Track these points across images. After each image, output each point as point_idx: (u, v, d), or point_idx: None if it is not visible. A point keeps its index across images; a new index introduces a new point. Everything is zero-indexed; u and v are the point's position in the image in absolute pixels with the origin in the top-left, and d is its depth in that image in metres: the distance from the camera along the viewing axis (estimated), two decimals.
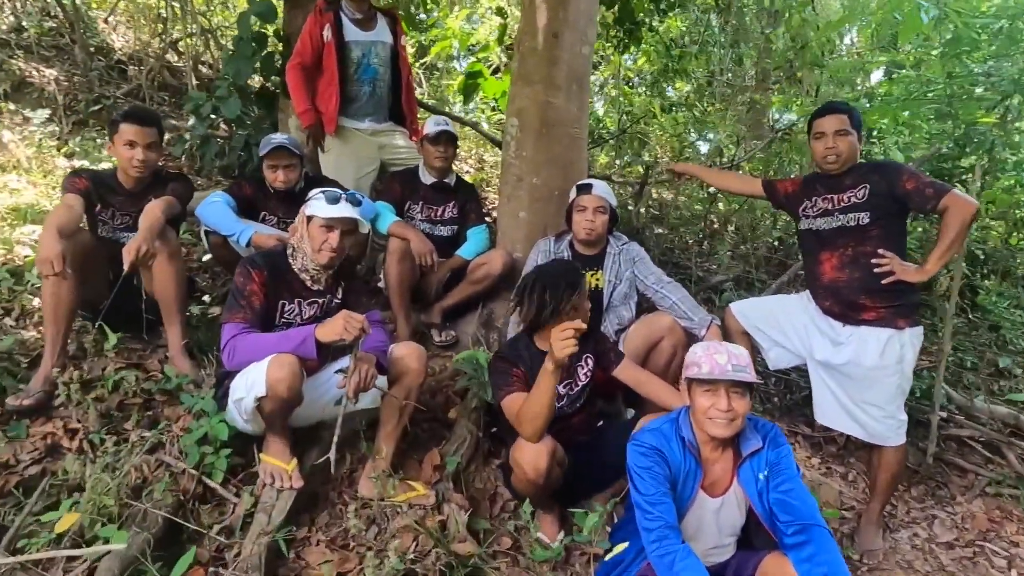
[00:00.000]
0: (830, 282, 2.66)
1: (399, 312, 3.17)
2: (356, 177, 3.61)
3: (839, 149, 2.62)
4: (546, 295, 2.24)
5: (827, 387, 2.71)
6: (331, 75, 3.49)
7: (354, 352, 2.10)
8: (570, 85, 3.37)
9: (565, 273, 2.30)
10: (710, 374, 1.89)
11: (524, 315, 2.31)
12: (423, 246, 3.12)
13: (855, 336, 2.59)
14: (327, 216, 2.25)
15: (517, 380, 2.26)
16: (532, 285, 2.28)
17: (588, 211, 2.92)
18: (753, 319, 2.87)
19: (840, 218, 2.65)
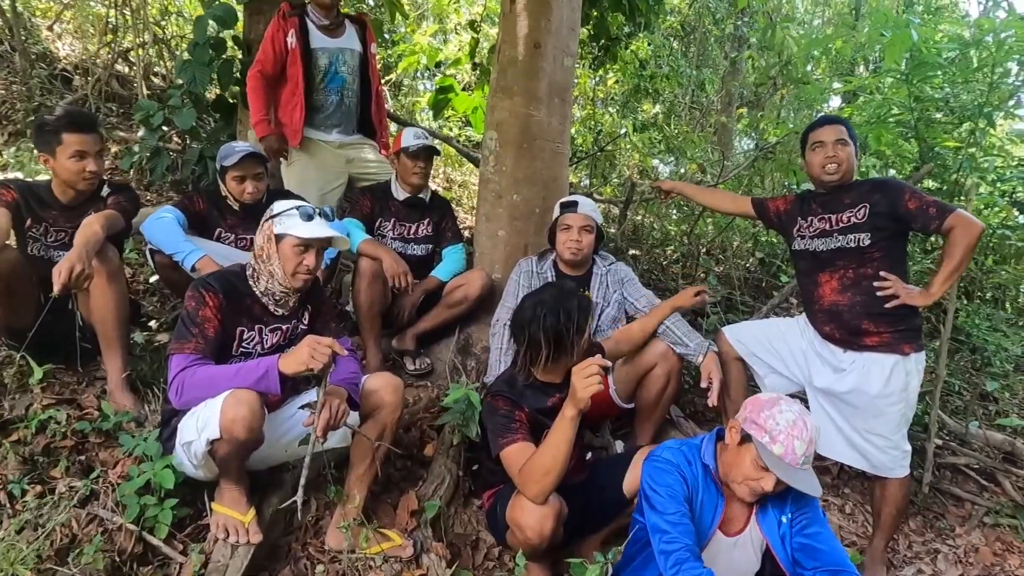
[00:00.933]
0: (830, 306, 2.52)
1: (368, 338, 2.91)
2: (322, 192, 3.35)
3: (839, 158, 2.51)
4: (561, 329, 2.01)
5: (828, 416, 2.56)
6: (296, 84, 3.24)
7: (322, 384, 1.85)
8: (552, 98, 3.20)
9: (573, 299, 2.06)
10: (780, 459, 1.69)
11: (536, 357, 2.06)
12: (396, 266, 2.88)
13: (858, 363, 2.45)
14: (304, 236, 1.99)
15: (520, 426, 2.02)
16: (541, 319, 2.02)
17: (574, 230, 2.74)
18: (749, 345, 2.71)
19: (839, 239, 2.51)
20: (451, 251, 3.24)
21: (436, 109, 5.24)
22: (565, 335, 2.02)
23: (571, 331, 2.02)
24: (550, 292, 2.09)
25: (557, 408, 2.17)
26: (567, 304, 2.04)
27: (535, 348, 2.04)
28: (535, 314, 2.02)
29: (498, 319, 2.81)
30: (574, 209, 2.77)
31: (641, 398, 2.72)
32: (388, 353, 3.14)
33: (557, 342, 2.02)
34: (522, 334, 2.06)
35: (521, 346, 2.08)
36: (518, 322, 2.09)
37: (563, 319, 2.01)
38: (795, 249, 2.69)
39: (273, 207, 2.02)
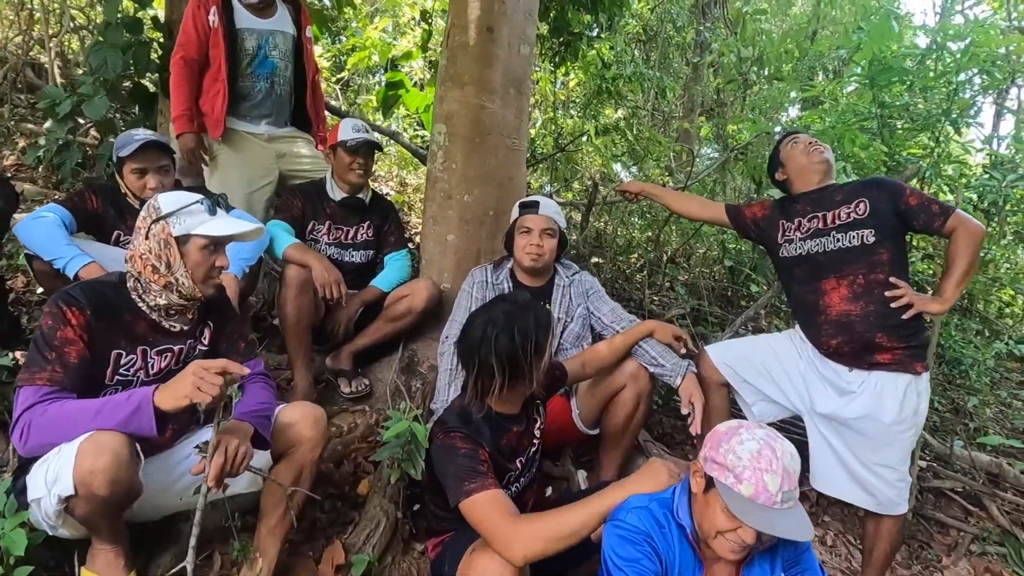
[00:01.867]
0: (840, 316, 2.23)
1: (296, 357, 2.53)
2: (248, 191, 2.96)
3: (821, 148, 2.40)
4: (516, 351, 1.68)
5: (829, 447, 2.27)
6: (218, 68, 2.86)
7: (216, 422, 1.49)
8: (507, 89, 2.88)
9: (529, 315, 1.73)
10: (751, 502, 1.36)
11: (488, 386, 1.72)
12: (327, 274, 2.52)
13: (868, 384, 2.18)
14: (215, 233, 1.65)
15: (488, 469, 1.66)
16: (492, 340, 1.68)
17: (534, 233, 2.43)
18: (737, 368, 2.41)
19: (839, 238, 2.26)
20: (394, 258, 2.90)
21: (386, 106, 4.88)
22: (522, 358, 1.69)
23: (528, 353, 1.70)
24: (502, 307, 1.76)
25: (516, 445, 1.85)
26: (523, 321, 1.71)
27: (487, 375, 1.70)
28: (485, 334, 1.69)
29: (447, 336, 2.47)
30: (535, 210, 2.46)
31: (607, 423, 2.41)
32: (321, 373, 2.77)
33: (513, 367, 1.69)
34: (471, 358, 1.72)
35: (471, 372, 1.74)
36: (466, 344, 1.74)
37: (518, 339, 1.68)
38: (785, 256, 2.42)
39: (158, 204, 1.64)
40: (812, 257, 2.33)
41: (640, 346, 2.34)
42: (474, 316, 1.79)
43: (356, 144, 2.69)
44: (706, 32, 8.56)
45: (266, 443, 1.67)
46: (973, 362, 3.60)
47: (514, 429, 1.85)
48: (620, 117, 6.97)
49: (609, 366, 2.31)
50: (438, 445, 1.75)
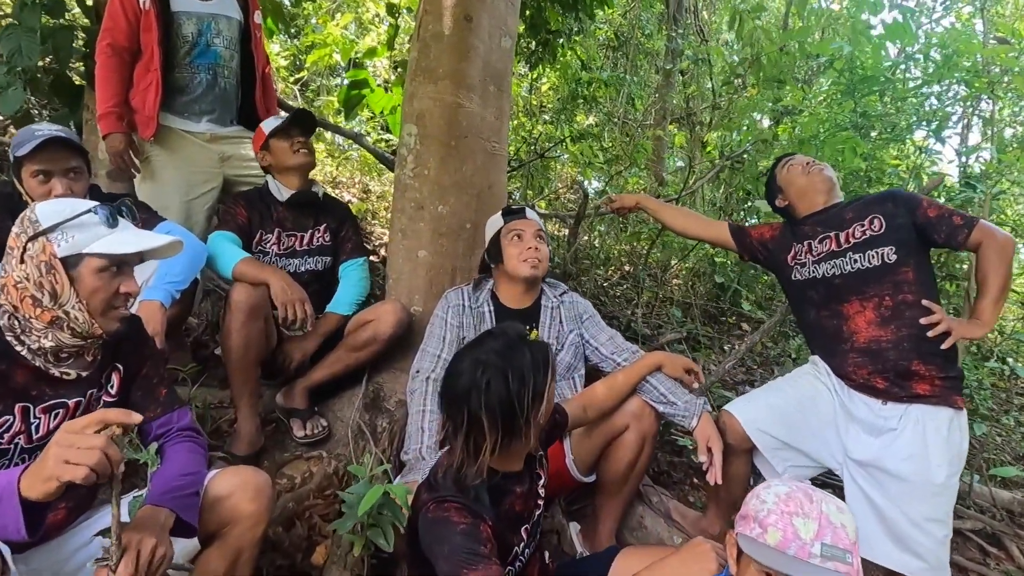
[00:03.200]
0: (868, 342, 1.97)
1: (241, 396, 2.14)
2: (186, 198, 2.56)
3: (821, 166, 2.22)
4: (512, 401, 1.34)
5: (869, 503, 1.94)
6: (150, 56, 2.46)
7: (113, 504, 1.11)
8: (486, 85, 2.55)
9: (523, 352, 1.40)
10: (781, 552, 1.07)
11: (479, 444, 1.37)
12: (289, 291, 2.14)
13: (907, 418, 1.90)
14: (116, 251, 1.26)
15: (491, 550, 1.32)
16: (483, 389, 1.34)
17: (527, 237, 2.11)
18: (774, 431, 2.05)
19: (856, 258, 2.02)
20: (350, 268, 2.53)
21: (348, 107, 4.49)
22: (518, 409, 1.35)
23: (525, 401, 1.36)
24: (491, 345, 1.41)
25: (520, 509, 1.51)
26: (517, 360, 1.37)
27: (477, 431, 1.36)
28: (474, 381, 1.35)
29: (418, 370, 2.11)
30: (522, 214, 2.17)
31: (606, 470, 2.08)
32: (272, 411, 2.38)
33: (508, 420, 1.35)
34: (458, 412, 1.37)
35: (459, 429, 1.38)
36: (451, 394, 1.39)
37: (514, 385, 1.34)
38: (797, 280, 2.18)
39: (35, 216, 1.24)
40: (828, 280, 2.09)
41: (648, 383, 2.02)
42: (459, 359, 1.44)
43: (284, 124, 2.36)
44: (678, 39, 8.40)
45: (192, 530, 1.29)
46: (979, 386, 3.39)
47: (517, 490, 1.50)
48: (592, 124, 6.71)
49: (612, 407, 1.99)
50: (429, 519, 1.38)
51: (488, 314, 2.16)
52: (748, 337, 2.70)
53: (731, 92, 3.59)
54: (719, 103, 4.16)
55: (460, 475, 1.39)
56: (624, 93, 7.17)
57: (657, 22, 9.27)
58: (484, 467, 1.37)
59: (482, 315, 2.16)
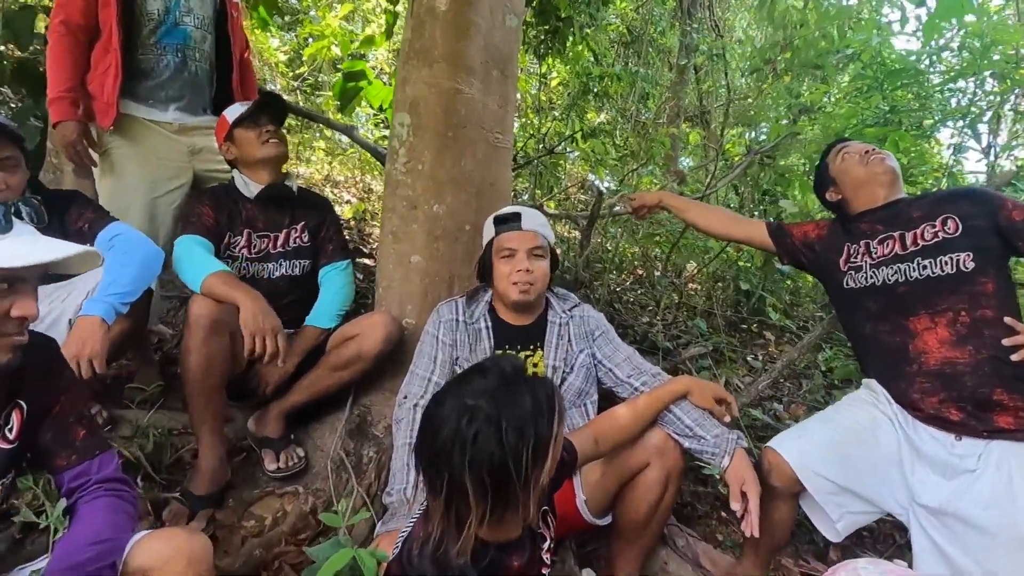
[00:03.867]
0: (942, 365, 1.66)
1: (202, 424, 1.85)
2: (150, 196, 2.28)
3: (882, 155, 1.90)
4: (506, 463, 1.02)
5: (942, 556, 1.62)
6: (109, 35, 2.19)
7: None
8: (489, 69, 2.26)
9: (522, 395, 1.08)
10: None
11: (463, 517, 1.06)
12: (261, 321, 1.80)
13: (988, 460, 1.58)
14: (2, 264, 0.98)
15: None
16: (465, 449, 1.02)
17: (520, 256, 1.79)
18: (831, 474, 1.71)
19: (926, 264, 1.72)
20: (332, 272, 2.24)
21: (344, 101, 4.20)
22: (515, 472, 1.03)
23: (524, 460, 1.04)
24: (481, 384, 1.09)
25: None
26: (514, 405, 1.05)
27: (460, 499, 1.04)
28: (458, 433, 1.03)
29: (406, 396, 1.81)
30: (517, 225, 1.82)
31: (624, 513, 1.78)
32: (243, 438, 2.10)
33: (500, 487, 1.04)
34: (437, 473, 1.06)
35: (438, 493, 1.07)
36: (429, 449, 1.07)
37: (511, 439, 1.02)
38: (850, 287, 1.87)
39: None
40: (890, 288, 1.78)
41: (672, 414, 1.72)
42: (438, 401, 1.12)
43: (250, 111, 2.08)
44: (693, 34, 8.09)
45: None
46: None
47: (515, 564, 1.18)
48: (604, 121, 6.41)
49: (630, 438, 1.69)
50: None
51: (485, 331, 1.87)
52: (788, 352, 2.38)
53: (759, 81, 3.29)
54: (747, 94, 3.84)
55: (439, 553, 1.07)
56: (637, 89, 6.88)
57: (670, 18, 8.97)
58: (469, 544, 1.06)
59: (478, 332, 1.86)
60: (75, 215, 1.88)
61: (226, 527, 1.81)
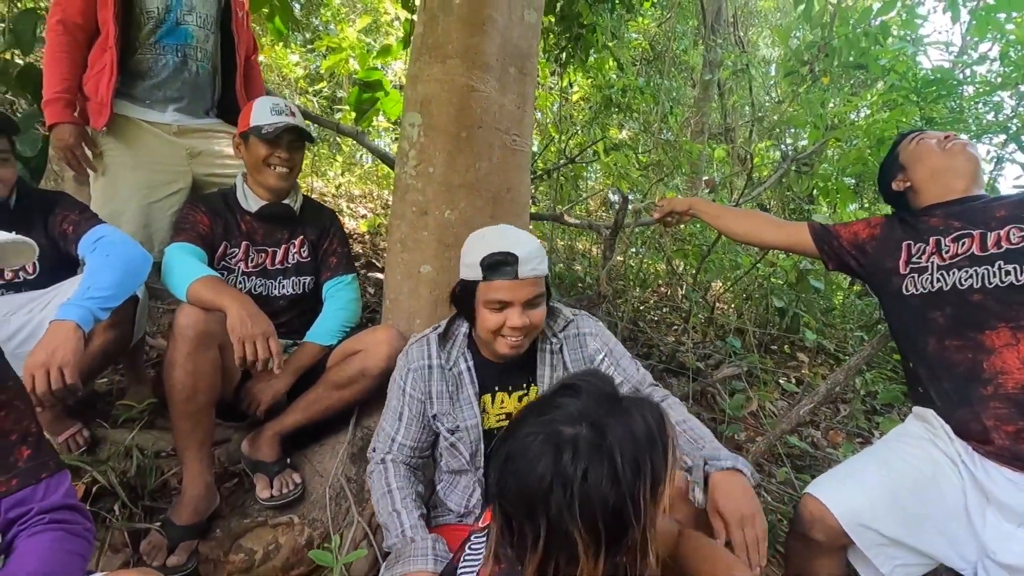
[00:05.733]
0: (1022, 389, 1.43)
1: (187, 447, 1.68)
2: (146, 201, 2.15)
3: (964, 142, 1.70)
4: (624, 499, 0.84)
5: None
6: (107, 35, 2.08)
7: None
8: (506, 66, 2.10)
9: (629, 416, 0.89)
10: None
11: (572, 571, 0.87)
12: (249, 326, 1.65)
13: None
14: None
15: None
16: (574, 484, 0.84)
17: (514, 308, 1.43)
18: (881, 526, 1.47)
19: (1009, 270, 1.50)
20: (336, 287, 2.09)
21: (360, 111, 4.10)
22: (634, 517, 0.86)
23: (643, 504, 0.87)
24: (574, 407, 0.91)
25: None
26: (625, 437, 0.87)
27: (564, 550, 0.86)
28: (558, 471, 0.86)
29: (375, 448, 1.63)
30: (512, 270, 1.40)
31: None
32: (236, 462, 1.93)
33: (617, 533, 0.87)
34: (530, 525, 0.88)
35: (529, 547, 0.88)
36: (517, 495, 0.89)
37: (628, 479, 0.85)
38: (911, 294, 1.65)
39: None
40: (961, 294, 1.55)
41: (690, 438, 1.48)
42: (522, 431, 0.91)
43: (275, 131, 1.90)
44: (717, 49, 7.94)
45: None
46: None
47: None
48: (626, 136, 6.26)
49: None
50: None
51: (467, 372, 1.58)
52: (833, 374, 2.16)
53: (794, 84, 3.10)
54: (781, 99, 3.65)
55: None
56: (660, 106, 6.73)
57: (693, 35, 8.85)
58: None
59: (459, 376, 1.58)
60: (59, 217, 1.75)
61: (210, 561, 1.64)
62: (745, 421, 2.76)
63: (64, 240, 1.75)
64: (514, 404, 1.60)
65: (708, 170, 8.26)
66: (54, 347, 1.38)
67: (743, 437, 2.70)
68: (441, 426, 1.58)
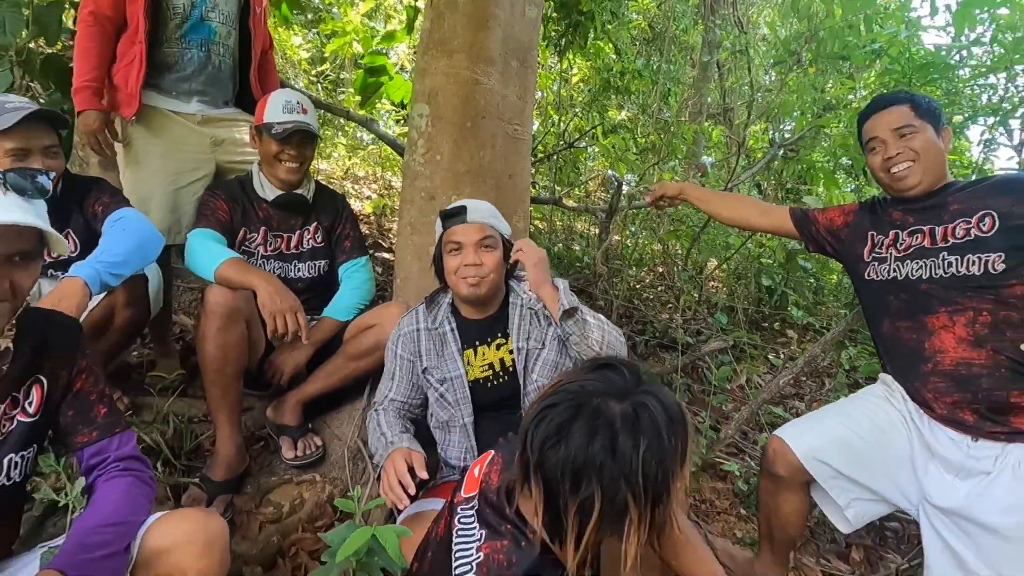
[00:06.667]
0: (955, 366, 1.62)
1: (220, 412, 1.87)
2: (174, 187, 2.30)
3: (908, 155, 1.71)
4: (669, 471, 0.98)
5: (953, 556, 1.60)
6: (136, 29, 2.21)
7: None
8: (508, 60, 2.25)
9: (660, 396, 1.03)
10: None
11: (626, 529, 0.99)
12: (279, 301, 1.83)
13: (1006, 463, 1.55)
14: None
15: None
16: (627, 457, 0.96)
17: (467, 250, 1.69)
18: (833, 460, 1.72)
19: (951, 261, 1.65)
20: (351, 269, 2.25)
21: (364, 96, 4.22)
22: (670, 484, 1.00)
23: (676, 472, 1.01)
24: (615, 383, 1.04)
25: None
26: (663, 412, 1.01)
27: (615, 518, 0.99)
28: (596, 444, 0.97)
29: (375, 402, 1.85)
30: (462, 217, 1.72)
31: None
32: (261, 427, 2.12)
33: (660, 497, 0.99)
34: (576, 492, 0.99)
35: (573, 517, 0.99)
36: (567, 467, 0.99)
37: (668, 441, 0.99)
38: (872, 280, 1.81)
39: None
40: (913, 283, 1.71)
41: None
42: (557, 409, 1.02)
43: (286, 132, 2.05)
44: (716, 30, 8.00)
45: None
46: None
47: None
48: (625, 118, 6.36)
49: None
50: None
51: (451, 333, 1.78)
52: (811, 348, 2.34)
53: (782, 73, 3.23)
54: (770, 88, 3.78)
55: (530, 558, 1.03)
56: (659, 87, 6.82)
57: (693, 14, 8.88)
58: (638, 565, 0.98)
59: (443, 336, 1.78)
60: (93, 199, 1.91)
61: (244, 513, 1.83)
62: (732, 392, 2.94)
63: (95, 220, 1.90)
64: (493, 354, 1.77)
65: (707, 151, 8.39)
66: (60, 298, 1.52)
67: (730, 407, 2.88)
68: (431, 379, 1.76)
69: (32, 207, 1.04)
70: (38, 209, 1.05)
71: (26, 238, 1.03)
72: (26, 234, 1.02)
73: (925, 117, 1.71)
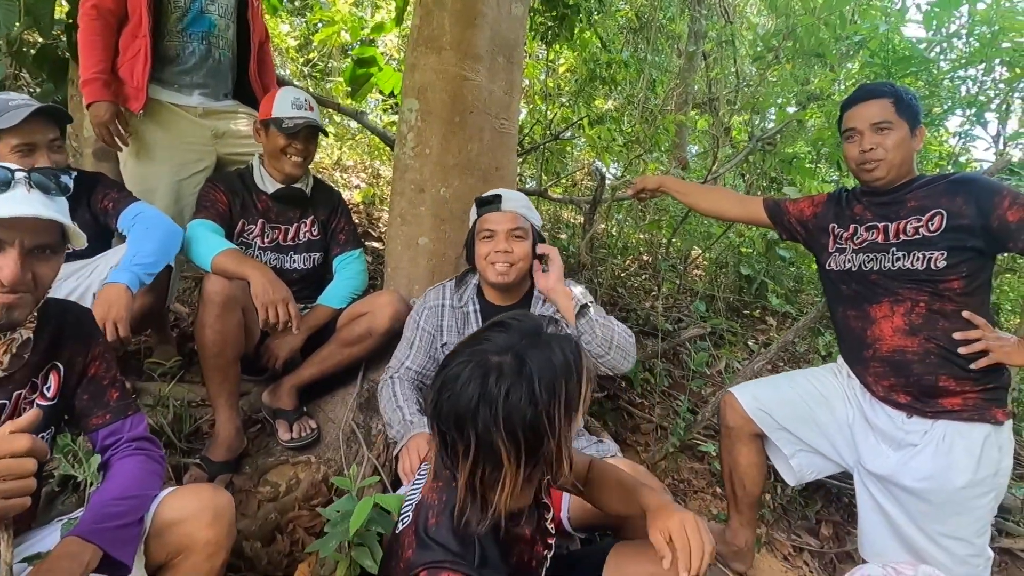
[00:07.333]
0: (891, 352, 1.77)
1: (218, 396, 1.95)
2: (178, 178, 2.36)
3: (879, 153, 1.78)
4: (540, 418, 1.02)
5: (882, 514, 1.82)
6: (138, 22, 2.25)
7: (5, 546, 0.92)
8: (495, 56, 2.33)
9: (549, 344, 1.08)
10: None
11: (496, 478, 1.05)
12: (271, 292, 1.91)
13: (933, 436, 1.72)
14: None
15: None
16: (497, 403, 1.00)
17: (499, 237, 1.82)
18: (775, 412, 1.95)
19: (899, 256, 1.77)
20: (346, 260, 2.34)
21: (354, 87, 4.27)
22: (548, 429, 1.03)
23: (557, 417, 1.04)
24: (501, 340, 1.07)
25: (529, 559, 1.22)
26: (542, 361, 1.04)
27: (490, 462, 1.04)
28: (485, 392, 1.02)
29: (387, 369, 1.99)
30: (496, 206, 1.85)
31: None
32: (257, 410, 2.20)
33: (533, 445, 1.04)
34: (461, 438, 1.05)
35: (460, 459, 1.06)
36: (450, 410, 1.05)
37: (542, 396, 1.02)
38: (831, 269, 1.94)
39: None
40: (865, 275, 1.84)
41: None
42: (456, 360, 1.08)
43: (294, 127, 2.12)
44: (702, 20, 8.07)
45: (125, 568, 1.09)
46: None
47: (527, 532, 1.20)
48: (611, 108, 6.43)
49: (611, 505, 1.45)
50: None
51: (473, 314, 1.92)
52: (784, 334, 2.46)
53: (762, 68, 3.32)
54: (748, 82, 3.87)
55: (461, 524, 1.08)
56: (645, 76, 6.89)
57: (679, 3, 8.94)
58: (500, 511, 1.06)
59: (466, 316, 1.92)
60: (100, 195, 1.98)
61: (243, 491, 1.92)
62: (711, 377, 3.06)
63: (104, 215, 1.97)
64: None
65: (691, 141, 8.48)
66: (110, 304, 1.63)
67: (709, 391, 3.00)
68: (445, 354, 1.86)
69: (54, 204, 1.11)
70: (60, 206, 1.13)
71: (49, 232, 1.10)
72: (49, 228, 1.10)
73: (904, 114, 1.77)
